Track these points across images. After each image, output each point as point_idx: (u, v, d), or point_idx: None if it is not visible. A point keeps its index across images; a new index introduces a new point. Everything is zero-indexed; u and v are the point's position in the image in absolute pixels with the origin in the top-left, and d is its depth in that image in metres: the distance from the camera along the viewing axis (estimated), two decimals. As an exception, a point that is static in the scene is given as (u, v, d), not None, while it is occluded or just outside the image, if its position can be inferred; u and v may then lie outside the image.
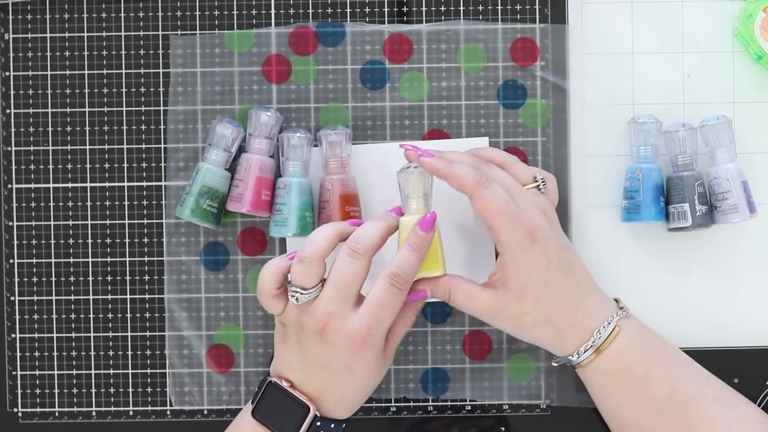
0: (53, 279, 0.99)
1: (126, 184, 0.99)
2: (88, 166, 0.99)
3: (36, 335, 0.99)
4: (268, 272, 0.89)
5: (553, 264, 0.89)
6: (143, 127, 0.99)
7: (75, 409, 0.99)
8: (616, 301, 0.93)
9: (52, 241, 0.99)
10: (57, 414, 0.99)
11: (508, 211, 0.88)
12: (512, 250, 0.88)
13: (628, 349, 0.90)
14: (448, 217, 0.97)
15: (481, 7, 0.98)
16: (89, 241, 0.99)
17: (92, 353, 0.99)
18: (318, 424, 0.89)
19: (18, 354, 0.99)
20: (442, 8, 0.98)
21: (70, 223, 0.99)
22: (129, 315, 0.99)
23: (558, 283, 0.89)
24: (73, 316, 0.99)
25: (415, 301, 0.91)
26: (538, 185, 0.92)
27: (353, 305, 0.88)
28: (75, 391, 0.99)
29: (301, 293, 0.87)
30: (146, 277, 0.99)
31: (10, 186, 0.99)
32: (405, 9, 0.99)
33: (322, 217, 0.95)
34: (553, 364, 0.92)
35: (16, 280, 0.99)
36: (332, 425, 0.89)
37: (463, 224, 0.98)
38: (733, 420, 0.90)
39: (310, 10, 0.99)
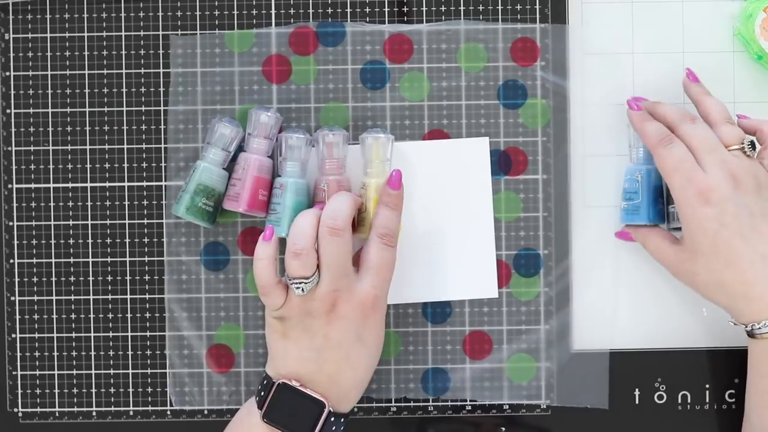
0: (53, 279, 0.99)
1: (126, 184, 0.99)
2: (88, 166, 0.99)
3: (36, 335, 0.99)
4: (262, 265, 0.91)
5: (728, 228, 0.88)
6: (143, 127, 0.99)
7: (75, 409, 0.99)
8: None
9: (52, 241, 0.99)
10: (57, 414, 0.99)
11: (681, 169, 0.89)
12: (682, 210, 0.90)
13: None
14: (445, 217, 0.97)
15: (481, 7, 0.98)
16: (89, 241, 0.99)
17: (92, 353, 0.99)
18: (332, 419, 0.90)
19: (18, 354, 0.99)
20: (443, 8, 0.98)
21: (70, 223, 0.99)
22: (129, 315, 0.99)
23: (732, 250, 0.88)
24: (73, 316, 0.99)
25: (626, 240, 0.96)
26: (743, 147, 0.91)
27: (353, 276, 0.91)
28: (75, 391, 0.99)
29: (305, 282, 0.89)
30: (146, 277, 0.99)
31: (10, 186, 0.99)
32: (405, 9, 0.99)
33: (320, 217, 0.96)
34: (729, 322, 0.91)
35: (16, 280, 0.99)
36: (342, 419, 0.91)
37: (459, 222, 0.98)
38: None
39: (311, 10, 0.99)
